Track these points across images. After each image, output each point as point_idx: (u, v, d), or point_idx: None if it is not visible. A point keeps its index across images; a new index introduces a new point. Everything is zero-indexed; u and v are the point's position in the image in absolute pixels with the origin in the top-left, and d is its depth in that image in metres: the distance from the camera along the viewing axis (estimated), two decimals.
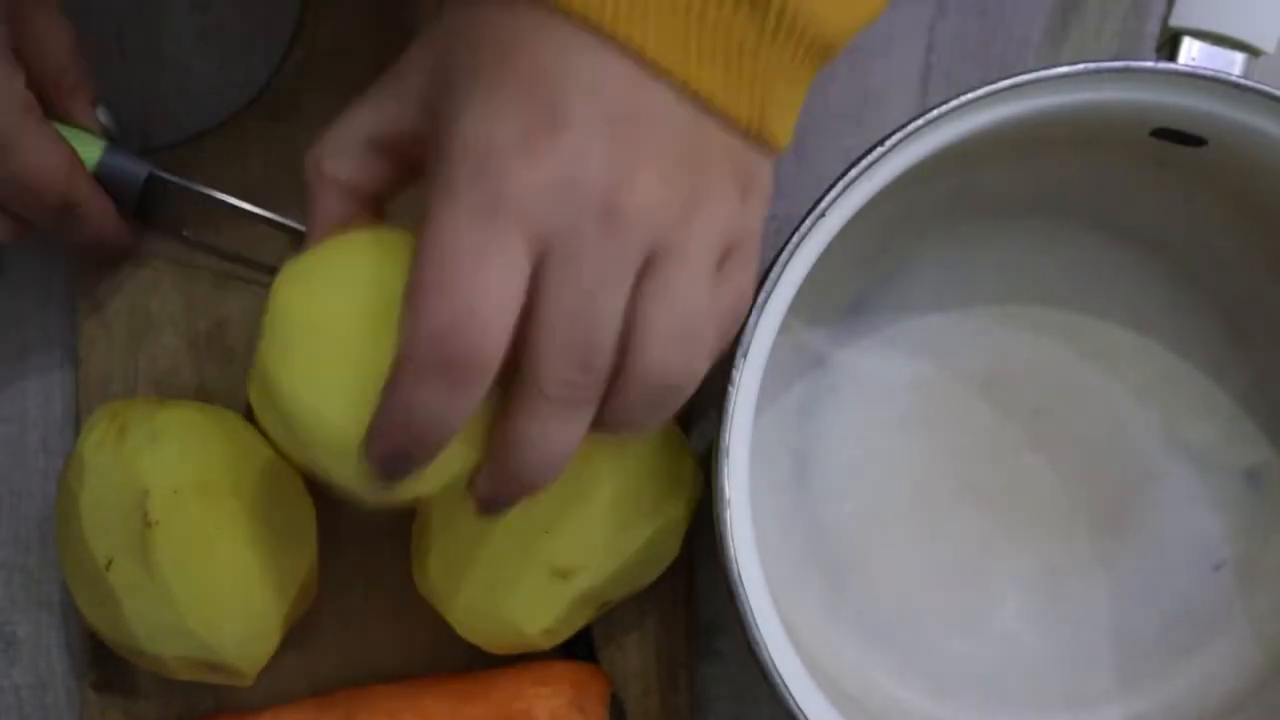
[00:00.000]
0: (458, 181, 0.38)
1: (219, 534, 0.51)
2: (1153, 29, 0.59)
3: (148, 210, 0.55)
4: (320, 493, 0.55)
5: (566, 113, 0.38)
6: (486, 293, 0.38)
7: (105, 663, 0.56)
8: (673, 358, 0.40)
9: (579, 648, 0.57)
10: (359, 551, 0.57)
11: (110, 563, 0.51)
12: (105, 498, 0.52)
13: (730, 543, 0.48)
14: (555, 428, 0.40)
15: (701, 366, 0.41)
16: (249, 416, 0.54)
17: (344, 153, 0.44)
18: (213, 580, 0.51)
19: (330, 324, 0.42)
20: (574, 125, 0.38)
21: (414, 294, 0.39)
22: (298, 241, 0.52)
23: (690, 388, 0.41)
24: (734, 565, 0.48)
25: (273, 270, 0.45)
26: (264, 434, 0.53)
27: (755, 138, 0.41)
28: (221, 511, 0.51)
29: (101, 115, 0.54)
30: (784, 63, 0.41)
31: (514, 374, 0.40)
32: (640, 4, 0.38)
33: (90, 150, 0.53)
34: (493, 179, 0.38)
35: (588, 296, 0.39)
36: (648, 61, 0.39)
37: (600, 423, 0.41)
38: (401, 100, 0.43)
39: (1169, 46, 0.53)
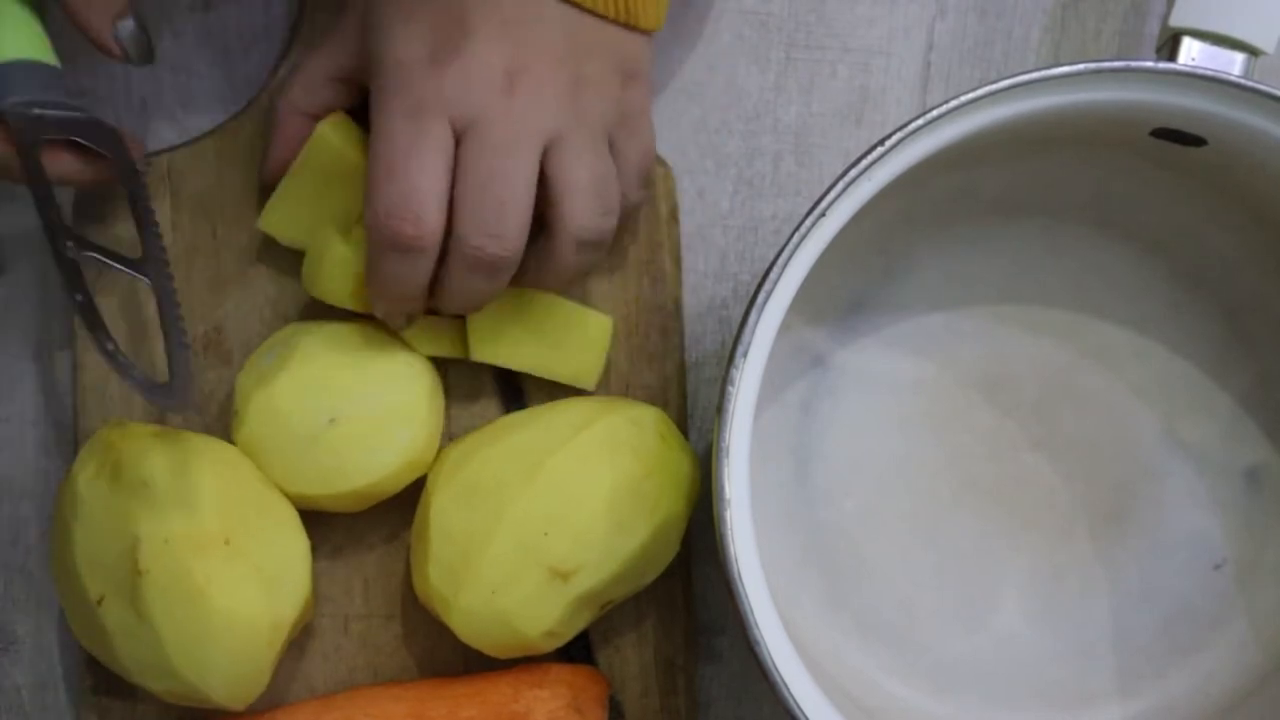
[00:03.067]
0: (388, 93, 0.50)
1: (209, 584, 0.51)
2: (1153, 29, 0.59)
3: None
4: (315, 519, 0.55)
5: (469, 23, 0.49)
6: (422, 175, 0.49)
7: (104, 665, 0.56)
8: (591, 207, 0.51)
9: (576, 650, 0.57)
10: (357, 556, 0.57)
11: (102, 599, 0.51)
12: (98, 535, 0.52)
13: (730, 543, 0.48)
14: (475, 284, 0.51)
15: (612, 220, 0.52)
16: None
17: (312, 92, 0.54)
18: (202, 629, 0.51)
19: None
20: (476, 32, 0.49)
21: (369, 186, 0.50)
22: None
23: (607, 239, 0.53)
24: (734, 565, 0.48)
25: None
26: (259, 465, 0.53)
27: (627, 26, 0.52)
28: (212, 561, 0.51)
29: (123, 33, 0.50)
30: None
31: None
32: None
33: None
34: (415, 86, 0.49)
35: (498, 160, 0.49)
36: None
37: (540, 278, 0.53)
38: (345, 42, 0.53)
39: (1169, 46, 0.53)
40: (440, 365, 0.57)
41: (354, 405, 0.53)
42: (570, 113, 0.51)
